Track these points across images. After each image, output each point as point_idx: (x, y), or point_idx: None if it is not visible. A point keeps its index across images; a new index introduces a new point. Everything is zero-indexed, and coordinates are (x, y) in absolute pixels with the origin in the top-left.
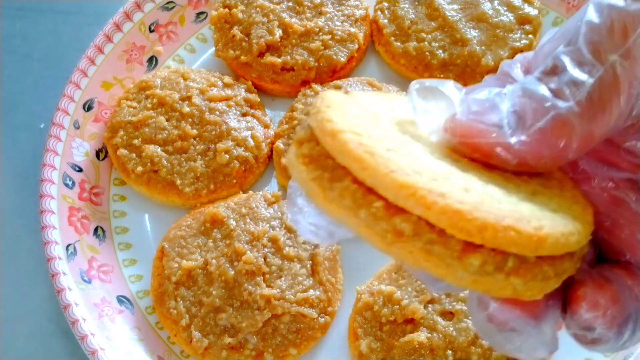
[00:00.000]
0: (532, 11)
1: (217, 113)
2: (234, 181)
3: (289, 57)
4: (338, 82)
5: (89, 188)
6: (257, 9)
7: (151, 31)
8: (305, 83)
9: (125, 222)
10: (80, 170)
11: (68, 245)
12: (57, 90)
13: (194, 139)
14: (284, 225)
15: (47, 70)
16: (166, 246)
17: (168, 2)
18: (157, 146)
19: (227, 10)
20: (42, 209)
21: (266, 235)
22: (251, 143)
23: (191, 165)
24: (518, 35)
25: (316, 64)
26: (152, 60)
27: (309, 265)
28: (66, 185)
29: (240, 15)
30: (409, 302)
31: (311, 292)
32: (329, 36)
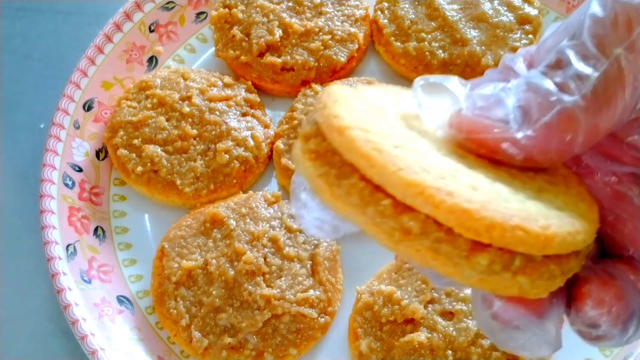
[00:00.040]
0: (532, 11)
1: (217, 113)
2: (234, 181)
3: (289, 57)
4: (338, 82)
5: (89, 188)
6: (257, 9)
7: (151, 31)
8: (305, 83)
9: (125, 222)
10: (80, 170)
11: (68, 245)
12: (57, 90)
13: (194, 139)
14: (284, 225)
15: (47, 70)
16: (166, 246)
17: (168, 2)
18: (157, 146)
19: (227, 10)
20: (42, 209)
21: (266, 235)
22: (251, 143)
23: (191, 165)
24: (518, 35)
25: (316, 64)
26: (152, 60)
27: (309, 265)
28: (66, 185)
29: (240, 15)
30: (409, 302)
31: (311, 292)
32: (329, 36)
